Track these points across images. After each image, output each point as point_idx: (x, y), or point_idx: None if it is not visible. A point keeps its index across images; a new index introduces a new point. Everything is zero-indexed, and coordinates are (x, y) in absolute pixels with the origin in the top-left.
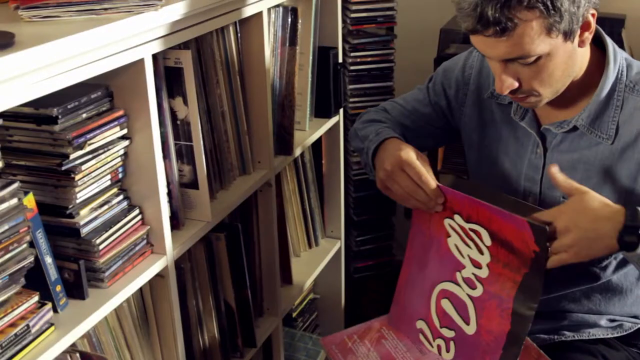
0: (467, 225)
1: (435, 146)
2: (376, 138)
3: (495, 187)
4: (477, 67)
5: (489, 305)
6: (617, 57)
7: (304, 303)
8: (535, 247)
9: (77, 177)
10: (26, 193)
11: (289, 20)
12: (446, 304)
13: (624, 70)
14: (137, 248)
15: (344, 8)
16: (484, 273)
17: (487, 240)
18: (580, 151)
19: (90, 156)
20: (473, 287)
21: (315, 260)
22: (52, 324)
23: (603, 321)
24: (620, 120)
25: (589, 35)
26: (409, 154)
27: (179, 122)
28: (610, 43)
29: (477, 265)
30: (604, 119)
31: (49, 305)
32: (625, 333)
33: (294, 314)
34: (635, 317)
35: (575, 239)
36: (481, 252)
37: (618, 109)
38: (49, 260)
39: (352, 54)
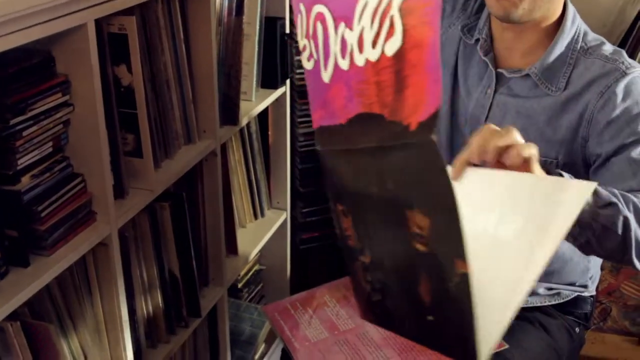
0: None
1: None
2: None
3: (448, 122)
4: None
5: None
6: (576, 20)
7: (250, 274)
8: None
9: (18, 143)
10: None
11: None
12: None
13: (581, 34)
14: (79, 216)
15: None
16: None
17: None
18: (528, 100)
19: (31, 122)
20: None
21: (261, 231)
22: None
23: (541, 289)
24: (571, 77)
25: None
26: None
27: (122, 90)
28: (571, 6)
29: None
30: (556, 73)
31: None
32: (562, 301)
33: (240, 285)
34: (572, 284)
35: None
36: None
37: (570, 67)
38: None
39: None
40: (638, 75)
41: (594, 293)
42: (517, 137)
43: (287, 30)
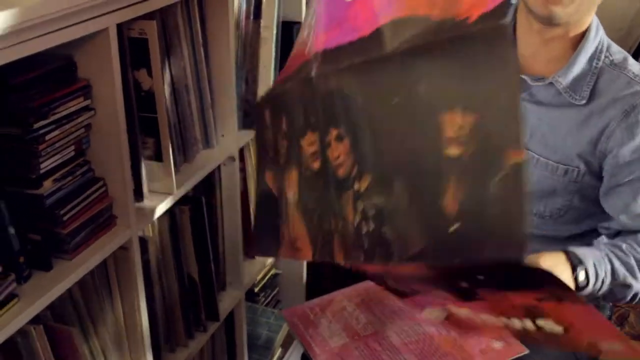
0: None
1: None
2: None
3: None
4: None
5: None
6: (600, 31)
7: (266, 278)
8: None
9: (40, 147)
10: None
11: None
12: None
13: (604, 44)
14: (100, 220)
15: None
16: None
17: None
18: (551, 108)
19: (54, 126)
20: None
21: None
22: (15, 295)
23: None
24: (595, 88)
25: None
26: None
27: (143, 94)
28: (596, 18)
29: None
30: (580, 83)
31: (12, 276)
32: None
33: (256, 289)
34: None
35: None
36: None
37: (594, 76)
38: (11, 231)
39: None
40: None
41: None
42: None
43: None
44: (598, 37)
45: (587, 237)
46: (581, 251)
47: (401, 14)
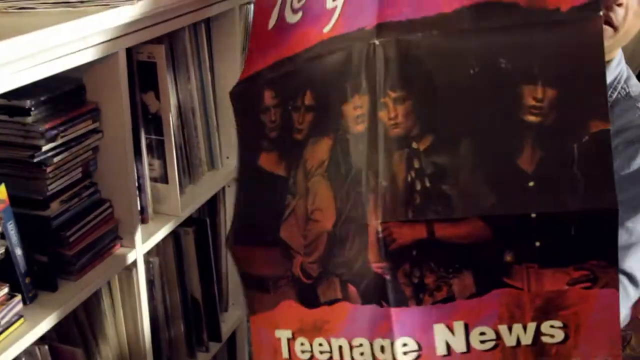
0: None
1: None
2: None
3: None
4: None
5: None
6: (622, 63)
7: None
8: None
9: (48, 170)
10: None
11: None
12: None
13: (624, 76)
14: (106, 241)
15: None
16: None
17: None
18: None
19: (62, 149)
20: None
21: None
22: (21, 316)
23: None
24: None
25: None
26: None
27: (150, 117)
28: (620, 50)
29: None
30: None
31: (19, 297)
32: None
33: None
34: None
35: None
36: None
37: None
38: (19, 252)
39: None
40: None
41: None
42: None
43: None
44: (618, 68)
45: None
46: None
47: None
